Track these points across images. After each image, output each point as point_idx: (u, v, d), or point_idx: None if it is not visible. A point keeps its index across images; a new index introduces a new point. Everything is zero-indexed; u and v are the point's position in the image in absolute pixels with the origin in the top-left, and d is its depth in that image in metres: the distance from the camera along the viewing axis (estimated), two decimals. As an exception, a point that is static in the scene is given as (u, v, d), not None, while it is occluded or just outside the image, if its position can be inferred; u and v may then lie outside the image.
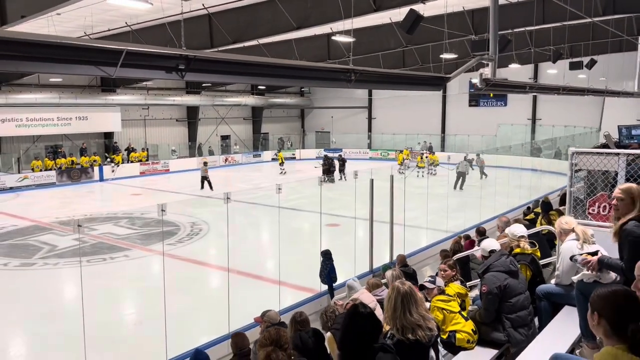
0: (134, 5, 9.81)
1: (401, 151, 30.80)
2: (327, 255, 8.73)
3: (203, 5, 13.43)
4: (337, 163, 25.68)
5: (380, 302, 4.61)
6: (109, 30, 16.28)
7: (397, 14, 14.11)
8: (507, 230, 4.97)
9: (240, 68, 5.84)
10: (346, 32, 13.92)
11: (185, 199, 20.31)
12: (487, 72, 8.78)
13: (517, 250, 4.65)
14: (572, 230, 3.97)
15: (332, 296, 8.37)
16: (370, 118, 38.80)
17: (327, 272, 8.60)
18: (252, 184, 24.80)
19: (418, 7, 11.40)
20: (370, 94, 38.13)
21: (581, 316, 3.49)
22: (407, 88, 10.84)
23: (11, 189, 23.42)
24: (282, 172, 27.63)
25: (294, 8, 13.23)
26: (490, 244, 4.35)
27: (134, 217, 17.23)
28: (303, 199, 18.57)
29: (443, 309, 3.94)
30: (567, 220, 4.11)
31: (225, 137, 36.70)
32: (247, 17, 14.35)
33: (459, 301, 4.30)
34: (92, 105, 27.17)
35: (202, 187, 22.65)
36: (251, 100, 36.32)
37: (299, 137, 40.70)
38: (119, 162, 27.35)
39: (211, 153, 33.28)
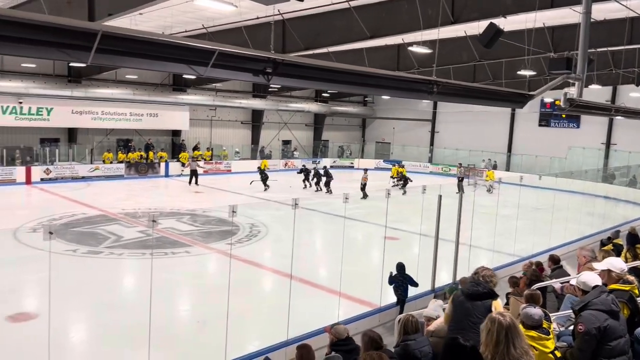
0: (219, 7, 10.03)
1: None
2: (402, 269, 8.49)
3: (279, 10, 13.58)
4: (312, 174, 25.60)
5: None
6: (186, 31, 16.81)
7: (473, 27, 13.76)
8: (607, 263, 4.54)
9: (325, 74, 5.78)
10: (422, 43, 13.66)
11: (253, 202, 20.57)
12: (572, 91, 8.30)
13: (614, 286, 4.26)
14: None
15: (401, 310, 8.14)
16: (433, 131, 38.11)
17: (405, 286, 8.39)
18: (309, 190, 24.86)
19: (498, 21, 11.02)
20: (435, 107, 37.47)
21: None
22: (486, 103, 10.47)
23: (83, 178, 24.62)
24: (394, 185, 26.46)
25: (368, 17, 13.14)
26: (593, 278, 4.00)
27: (196, 214, 17.60)
28: (360, 209, 18.39)
29: (535, 347, 3.59)
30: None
31: (286, 142, 37.13)
32: (321, 25, 14.41)
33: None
34: (163, 103, 28.15)
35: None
36: (314, 107, 36.56)
37: (358, 146, 40.55)
38: (186, 161, 28.10)
39: (269, 157, 33.70)
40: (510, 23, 12.77)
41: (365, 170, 24.55)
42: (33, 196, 21.50)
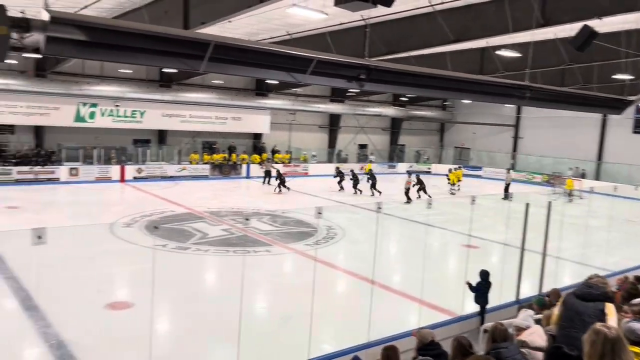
0: (311, 15, 10.34)
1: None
2: (486, 276, 8.32)
3: (361, 16, 13.72)
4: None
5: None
6: (271, 38, 17.37)
7: (564, 30, 13.17)
8: None
9: (418, 80, 5.83)
10: (510, 47, 13.27)
11: (330, 204, 20.84)
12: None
13: None
14: None
15: (482, 320, 7.98)
16: (516, 137, 36.65)
17: (487, 294, 8.23)
18: (384, 194, 24.75)
19: (593, 23, 10.50)
20: (518, 112, 36.06)
21: None
22: (580, 109, 10.04)
23: (171, 177, 26.10)
24: (451, 191, 26.56)
25: (453, 20, 12.96)
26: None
27: (276, 214, 18.10)
28: (439, 215, 18.10)
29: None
30: None
31: (362, 146, 37.22)
32: (403, 29, 14.40)
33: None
34: (246, 107, 29.26)
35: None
36: (391, 111, 36.39)
37: (436, 151, 39.84)
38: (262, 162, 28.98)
39: (344, 160, 33.93)
40: (605, 25, 12.11)
41: (409, 174, 24.02)
42: (126, 193, 23.06)
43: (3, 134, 23.99)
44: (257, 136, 31.84)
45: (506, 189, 25.25)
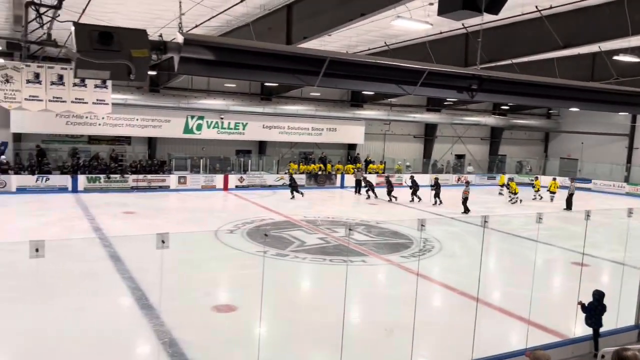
0: (416, 26, 10.35)
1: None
2: (600, 297, 7.78)
3: (463, 24, 13.44)
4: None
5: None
6: (368, 49, 17.53)
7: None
8: None
9: (533, 89, 5.62)
10: (629, 51, 12.35)
11: (427, 216, 20.54)
12: None
13: None
14: None
15: (596, 344, 7.47)
16: (631, 147, 33.75)
17: (599, 316, 7.70)
18: (485, 207, 23.86)
19: None
20: (634, 120, 33.24)
21: None
22: None
23: (270, 186, 27.11)
24: (512, 201, 25.64)
25: (561, 25, 12.29)
26: None
27: (370, 225, 18.14)
28: (545, 230, 17.11)
29: None
30: None
31: (459, 156, 36.20)
32: (505, 36, 13.88)
33: None
34: (341, 119, 29.73)
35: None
36: (491, 120, 35.09)
37: (540, 161, 37.74)
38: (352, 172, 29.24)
39: (440, 171, 33.17)
40: None
41: (467, 183, 23.18)
42: (229, 201, 24.27)
43: (121, 144, 26.31)
44: (351, 146, 32.14)
45: (569, 200, 24.05)
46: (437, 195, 23.68)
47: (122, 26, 3.38)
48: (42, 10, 10.04)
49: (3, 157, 22.52)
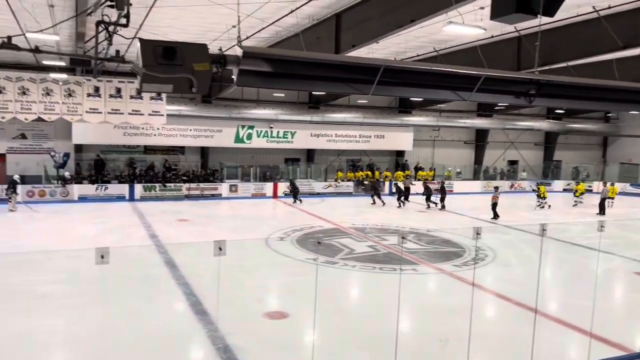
0: (468, 31, 10.23)
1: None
2: None
3: (515, 27, 13.15)
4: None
5: None
6: (417, 55, 17.40)
7: None
8: None
9: (594, 93, 5.44)
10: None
11: (480, 224, 20.12)
12: None
13: None
14: None
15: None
16: (698, 151, 31.94)
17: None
18: (540, 214, 23.12)
19: None
20: (701, 123, 31.42)
21: None
22: None
23: (318, 194, 27.29)
24: (540, 206, 24.64)
25: (621, 25, 11.83)
26: None
27: (420, 233, 17.90)
28: (606, 238, 16.38)
29: None
30: None
31: (512, 162, 35.22)
32: (560, 38, 13.47)
33: None
34: (389, 125, 29.58)
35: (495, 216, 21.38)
36: (545, 124, 34.00)
37: (597, 167, 36.18)
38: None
39: (493, 178, 32.37)
40: None
41: (496, 188, 22.48)
42: (278, 208, 24.56)
43: (175, 154, 27.16)
44: (399, 153, 31.88)
45: (601, 204, 23.06)
46: (442, 199, 23.63)
47: (178, 40, 3.52)
48: (111, 28, 10.52)
49: (67, 173, 23.68)
